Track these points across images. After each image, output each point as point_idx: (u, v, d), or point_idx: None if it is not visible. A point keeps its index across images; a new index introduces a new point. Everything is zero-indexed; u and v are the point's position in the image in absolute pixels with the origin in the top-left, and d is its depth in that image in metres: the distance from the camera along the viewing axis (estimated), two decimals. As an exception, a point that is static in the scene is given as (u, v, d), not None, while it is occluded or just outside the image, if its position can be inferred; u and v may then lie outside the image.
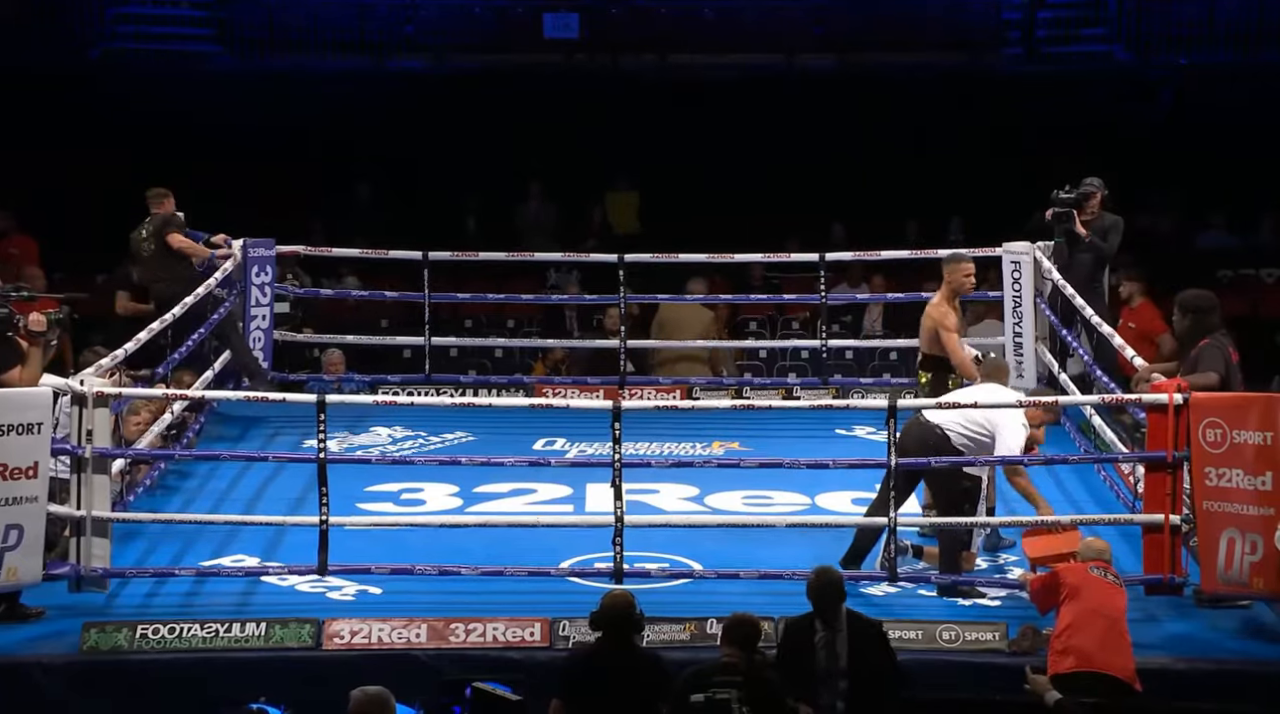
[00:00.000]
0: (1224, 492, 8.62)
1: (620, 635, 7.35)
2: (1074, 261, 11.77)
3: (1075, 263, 11.75)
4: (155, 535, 9.77)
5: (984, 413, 9.20)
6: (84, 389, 8.91)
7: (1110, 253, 11.81)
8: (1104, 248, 11.76)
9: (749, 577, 9.03)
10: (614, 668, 7.27)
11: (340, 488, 9.35)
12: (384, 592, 9.06)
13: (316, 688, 8.13)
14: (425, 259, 12.84)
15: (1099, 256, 11.78)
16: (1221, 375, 9.18)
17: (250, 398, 10.46)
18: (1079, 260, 11.76)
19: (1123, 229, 11.84)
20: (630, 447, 9.85)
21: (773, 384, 13.26)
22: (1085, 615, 7.92)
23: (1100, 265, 11.83)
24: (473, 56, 18.31)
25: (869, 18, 18.23)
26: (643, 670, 7.26)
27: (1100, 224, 11.80)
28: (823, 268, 12.88)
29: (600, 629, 7.40)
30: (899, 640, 8.38)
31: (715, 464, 10.56)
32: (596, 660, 7.37)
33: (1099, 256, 11.78)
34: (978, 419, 9.19)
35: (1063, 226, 11.73)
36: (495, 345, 14.47)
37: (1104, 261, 11.85)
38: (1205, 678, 8.24)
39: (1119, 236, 11.79)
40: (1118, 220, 11.85)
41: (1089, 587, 8.01)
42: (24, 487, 8.47)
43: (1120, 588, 8.10)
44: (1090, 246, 11.74)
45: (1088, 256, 11.75)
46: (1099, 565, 8.15)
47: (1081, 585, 8.02)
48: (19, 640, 8.49)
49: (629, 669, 7.26)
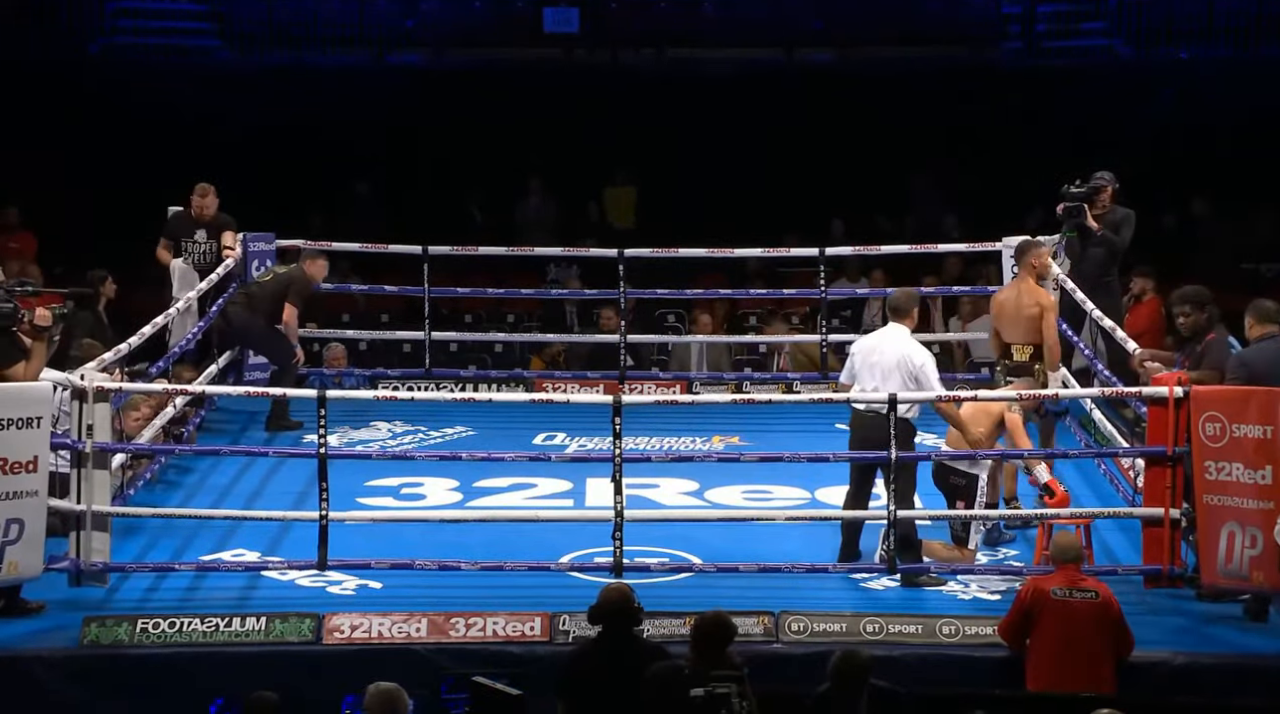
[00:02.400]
0: (1224, 485, 8.62)
1: (620, 628, 7.36)
2: (1086, 256, 11.72)
3: (1087, 257, 11.71)
4: (155, 530, 9.78)
5: (900, 369, 9.20)
6: (84, 384, 8.91)
7: (1122, 246, 11.74)
8: (1116, 242, 11.69)
9: (748, 571, 9.03)
10: (615, 660, 7.27)
11: (340, 483, 9.36)
12: (384, 586, 9.06)
13: (316, 682, 8.16)
14: (425, 254, 12.83)
15: (1111, 250, 11.71)
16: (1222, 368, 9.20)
17: (250, 393, 10.47)
18: (1091, 255, 11.71)
19: (1135, 222, 11.79)
20: (630, 441, 9.86)
21: (773, 379, 13.25)
22: (1044, 648, 8.00)
23: (1113, 259, 11.76)
24: (472, 51, 18.30)
25: (869, 12, 18.22)
26: (644, 662, 7.26)
27: (1112, 218, 11.73)
28: (822, 263, 12.87)
29: (600, 623, 7.41)
30: (899, 634, 8.41)
31: (715, 458, 10.57)
32: (597, 654, 7.37)
33: (1111, 250, 11.71)
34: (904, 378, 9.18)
35: (1074, 221, 11.67)
36: (495, 340, 14.48)
37: (1116, 255, 11.78)
38: (1205, 672, 8.24)
39: (1131, 230, 11.73)
40: (1129, 214, 11.78)
41: (1049, 615, 8.02)
42: (24, 481, 8.48)
43: (1090, 601, 8.05)
44: (1102, 240, 11.68)
45: (1100, 251, 11.70)
46: (1063, 584, 8.10)
47: (1042, 617, 8.03)
48: (19, 635, 8.49)
49: (631, 661, 7.26)
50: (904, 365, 9.25)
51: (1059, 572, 8.19)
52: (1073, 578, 8.13)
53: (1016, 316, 10.44)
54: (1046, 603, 8.05)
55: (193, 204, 12.25)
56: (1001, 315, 10.59)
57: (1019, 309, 10.43)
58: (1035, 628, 8.08)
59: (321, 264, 12.27)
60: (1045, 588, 8.10)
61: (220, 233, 12.27)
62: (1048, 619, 8.04)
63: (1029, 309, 10.37)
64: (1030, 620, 8.09)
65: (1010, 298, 10.57)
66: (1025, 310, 10.39)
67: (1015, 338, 10.43)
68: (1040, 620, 8.05)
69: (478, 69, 18.15)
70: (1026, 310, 10.39)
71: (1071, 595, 8.06)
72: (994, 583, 9.18)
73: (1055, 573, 8.21)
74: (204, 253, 12.26)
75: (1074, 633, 8.00)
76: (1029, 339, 10.38)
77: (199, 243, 12.24)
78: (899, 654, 8.35)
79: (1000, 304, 10.63)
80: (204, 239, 12.27)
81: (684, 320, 15.25)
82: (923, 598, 9.00)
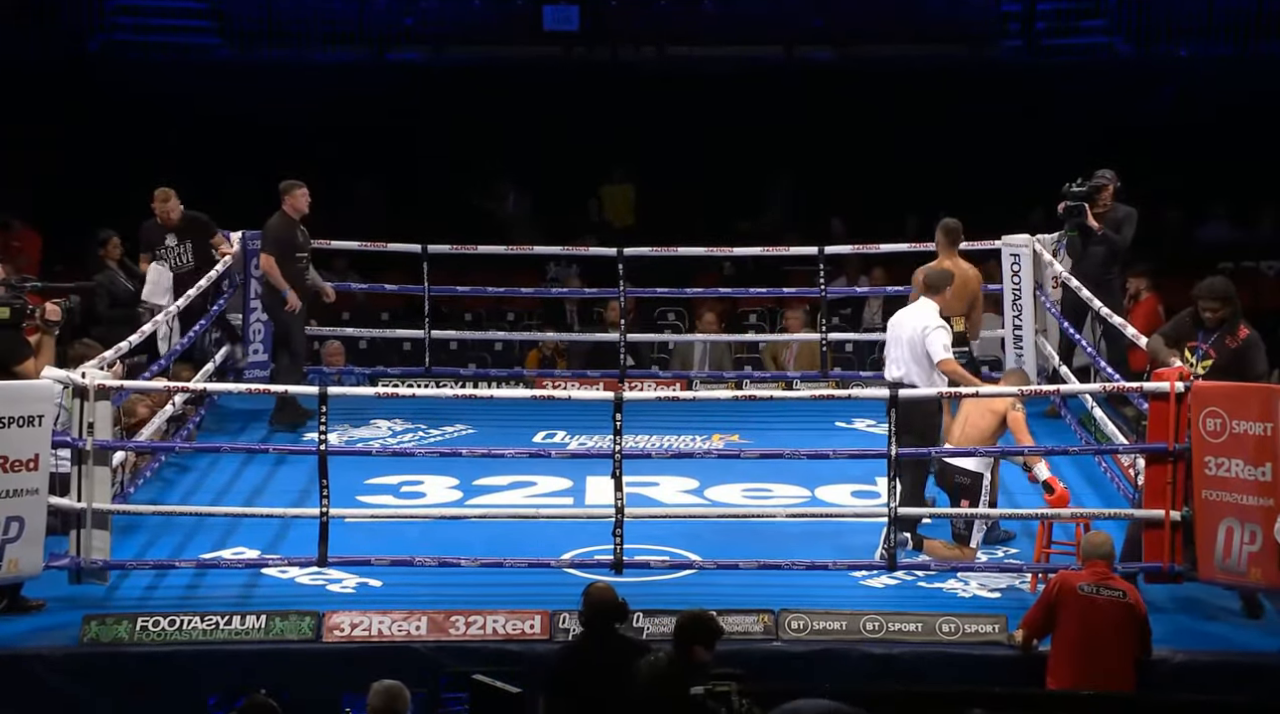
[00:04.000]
0: (1223, 481, 8.61)
1: (607, 626, 7.36)
2: (1087, 254, 11.70)
3: (1088, 256, 11.69)
4: (155, 528, 9.78)
5: (914, 337, 9.66)
6: (85, 382, 8.91)
7: (1124, 245, 11.71)
8: (1117, 240, 11.67)
9: (748, 568, 9.03)
10: (603, 658, 7.27)
11: (340, 480, 9.35)
12: (384, 584, 9.06)
13: (316, 680, 8.16)
14: (425, 252, 12.83)
15: (1112, 249, 11.68)
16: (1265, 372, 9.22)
17: (251, 391, 10.47)
18: (1092, 253, 11.69)
19: (1136, 221, 11.77)
20: (630, 439, 9.86)
21: (772, 377, 13.25)
22: (1065, 643, 8.00)
23: (1114, 258, 11.73)
24: (472, 49, 18.30)
25: (868, 10, 18.23)
26: (629, 658, 7.26)
27: (1113, 216, 11.71)
28: (822, 261, 12.86)
29: (588, 623, 7.41)
30: (899, 632, 8.40)
31: (715, 456, 10.55)
32: (584, 653, 7.37)
33: (1112, 249, 11.68)
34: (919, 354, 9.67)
35: (1075, 220, 11.65)
36: (495, 338, 14.48)
37: (1117, 254, 11.75)
38: (1204, 669, 8.24)
39: (1133, 228, 11.70)
40: (1131, 212, 11.75)
41: (1073, 610, 8.02)
42: (25, 479, 8.48)
43: (1116, 600, 8.05)
44: (1103, 239, 11.66)
45: (1101, 249, 11.67)
46: (1091, 579, 8.09)
47: (1066, 611, 8.03)
48: (19, 633, 8.50)
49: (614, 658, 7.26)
50: (916, 332, 9.70)
51: (1088, 568, 8.15)
52: (1102, 575, 8.10)
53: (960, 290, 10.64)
54: (1072, 598, 8.04)
55: (155, 211, 12.10)
56: None
57: (964, 283, 10.68)
58: (1058, 623, 8.06)
59: (299, 194, 11.86)
60: (1073, 583, 8.09)
61: (191, 236, 12.06)
62: (1070, 614, 8.02)
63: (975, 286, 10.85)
64: (1054, 614, 8.08)
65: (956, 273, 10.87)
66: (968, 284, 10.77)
67: (955, 310, 10.60)
68: (1063, 615, 8.04)
69: (477, 67, 18.15)
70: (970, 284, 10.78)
71: (1099, 593, 8.05)
72: (995, 581, 9.18)
73: (1085, 569, 8.18)
74: (178, 257, 12.07)
75: (1095, 630, 7.98)
76: (965, 311, 10.74)
77: (170, 248, 12.05)
78: (898, 652, 8.36)
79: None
80: (174, 243, 12.06)
81: (684, 319, 15.25)
82: (922, 595, 9.00)
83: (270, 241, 11.85)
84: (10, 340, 8.92)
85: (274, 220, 11.92)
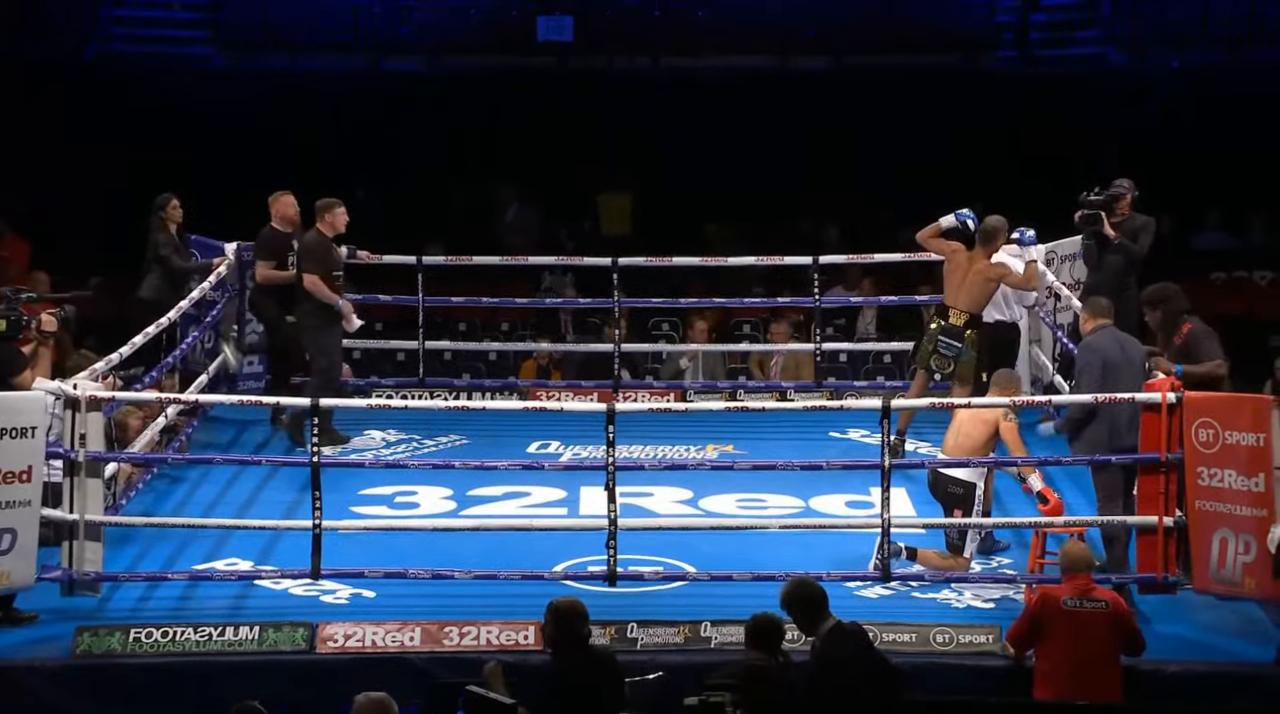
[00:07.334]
0: (1216, 491, 8.62)
1: (575, 638, 7.32)
2: (1103, 264, 11.64)
3: (1105, 265, 11.62)
4: (148, 539, 9.77)
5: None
6: (77, 393, 8.90)
7: (1141, 254, 11.62)
8: (1134, 249, 11.58)
9: (743, 579, 9.02)
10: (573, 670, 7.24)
11: (334, 491, 9.35)
12: (377, 595, 9.06)
13: (310, 691, 8.15)
14: (419, 263, 12.82)
15: (1129, 258, 11.62)
16: (1220, 357, 9.25)
17: (244, 402, 10.46)
18: (1109, 262, 11.61)
19: (1154, 230, 11.74)
20: (624, 450, 9.85)
21: (766, 387, 13.25)
22: (1055, 658, 7.99)
23: (1131, 267, 11.67)
24: (467, 58, 18.31)
25: (863, 19, 18.21)
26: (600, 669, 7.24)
27: (1131, 225, 11.63)
28: (816, 271, 12.86)
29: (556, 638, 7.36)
30: (893, 643, 8.40)
31: (709, 467, 10.56)
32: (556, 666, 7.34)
33: (1129, 258, 11.62)
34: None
35: (1091, 229, 11.62)
36: (489, 349, 14.46)
37: (1134, 263, 11.66)
38: (1198, 679, 8.24)
39: (1150, 237, 11.63)
40: (1149, 221, 11.69)
41: (1058, 626, 8.01)
42: (18, 491, 8.47)
43: (1099, 612, 8.04)
44: (1120, 248, 11.60)
45: (1118, 258, 11.58)
46: (1074, 593, 8.08)
47: (1051, 627, 8.02)
48: (11, 644, 8.48)
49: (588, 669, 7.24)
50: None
51: (1068, 582, 8.13)
52: (1083, 588, 8.09)
53: (967, 281, 10.73)
54: (1057, 613, 8.03)
55: (280, 214, 11.88)
56: (954, 272, 10.96)
57: (979, 273, 10.76)
58: (1045, 638, 8.06)
59: (339, 213, 11.55)
60: (1056, 597, 8.08)
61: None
62: (1058, 630, 8.01)
63: (989, 272, 10.89)
64: (1040, 630, 8.08)
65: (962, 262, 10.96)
66: (984, 274, 10.82)
67: (959, 303, 10.69)
68: (1050, 631, 8.04)
69: (472, 76, 18.16)
70: (985, 274, 10.83)
71: (1082, 606, 8.04)
72: (988, 591, 9.18)
73: (1065, 583, 8.16)
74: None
75: (1085, 643, 7.97)
76: (970, 308, 10.78)
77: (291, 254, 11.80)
78: (893, 662, 8.33)
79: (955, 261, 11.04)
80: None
81: (678, 328, 15.24)
82: (917, 606, 9.00)
83: (313, 262, 11.47)
84: (6, 352, 8.91)
85: (309, 240, 11.56)
